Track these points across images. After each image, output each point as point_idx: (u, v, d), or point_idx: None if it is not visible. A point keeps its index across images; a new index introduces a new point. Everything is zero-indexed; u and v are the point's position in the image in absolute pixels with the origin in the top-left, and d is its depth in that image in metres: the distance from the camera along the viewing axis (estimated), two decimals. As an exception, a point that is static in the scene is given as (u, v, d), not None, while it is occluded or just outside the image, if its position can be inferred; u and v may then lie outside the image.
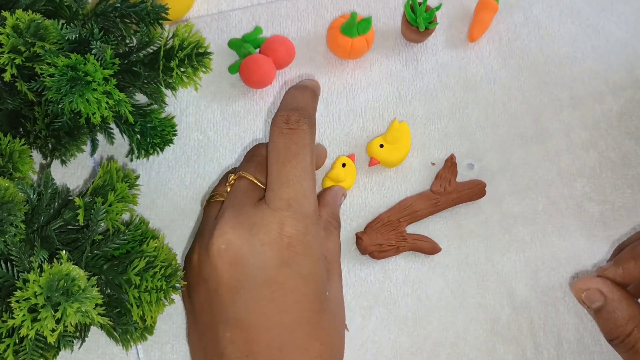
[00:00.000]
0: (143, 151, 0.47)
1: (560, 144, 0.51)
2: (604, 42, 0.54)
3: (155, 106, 0.47)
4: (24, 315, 0.34)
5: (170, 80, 0.44)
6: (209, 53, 0.43)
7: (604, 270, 0.37)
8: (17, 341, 0.36)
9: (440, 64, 0.53)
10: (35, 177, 0.46)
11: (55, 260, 0.36)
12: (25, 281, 0.35)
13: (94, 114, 0.39)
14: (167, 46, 0.43)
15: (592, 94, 0.53)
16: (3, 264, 0.38)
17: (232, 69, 0.52)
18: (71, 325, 0.34)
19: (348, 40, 0.50)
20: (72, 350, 0.42)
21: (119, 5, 0.43)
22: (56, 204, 0.42)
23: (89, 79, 0.38)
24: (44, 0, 0.43)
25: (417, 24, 0.51)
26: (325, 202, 0.44)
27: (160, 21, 0.44)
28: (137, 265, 0.40)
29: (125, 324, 0.41)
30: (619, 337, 0.35)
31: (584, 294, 0.36)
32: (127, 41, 0.44)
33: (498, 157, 0.51)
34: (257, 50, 0.52)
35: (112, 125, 0.47)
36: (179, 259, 0.47)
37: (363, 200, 0.49)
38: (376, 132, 0.51)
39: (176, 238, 0.48)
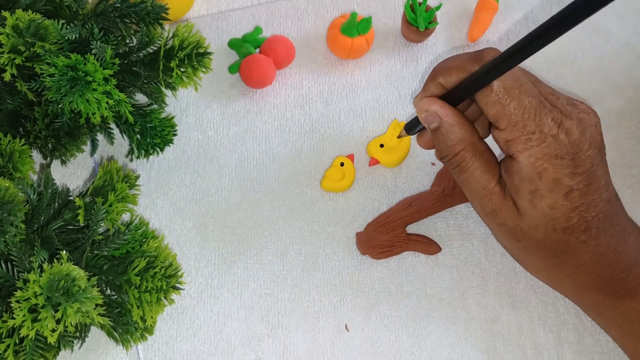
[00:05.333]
0: (143, 151, 0.47)
1: (560, 144, 0.51)
2: (604, 42, 0.54)
3: (155, 106, 0.47)
4: (24, 315, 0.34)
5: (170, 80, 0.44)
6: (209, 53, 0.43)
7: (415, 97, 0.40)
8: (17, 341, 0.36)
9: (440, 64, 0.53)
10: (35, 177, 0.47)
11: (55, 260, 0.36)
12: (26, 281, 0.35)
13: (94, 114, 0.39)
14: (167, 46, 0.43)
15: (592, 93, 0.53)
16: (3, 264, 0.38)
17: (232, 69, 0.52)
18: (71, 326, 0.34)
19: (348, 40, 0.50)
20: (72, 350, 0.42)
21: (119, 5, 0.43)
22: (56, 204, 0.42)
23: (89, 79, 0.38)
24: (44, 0, 0.43)
25: (417, 24, 0.51)
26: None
27: (160, 21, 0.44)
28: (138, 266, 0.40)
29: (126, 324, 0.41)
30: (448, 156, 0.38)
31: (424, 114, 0.38)
32: (127, 41, 0.44)
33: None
34: (257, 50, 0.52)
35: (112, 125, 0.47)
36: (179, 259, 0.47)
37: (363, 200, 0.49)
38: (376, 132, 0.51)
39: (176, 238, 0.48)
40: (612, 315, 0.40)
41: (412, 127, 0.43)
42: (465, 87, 0.36)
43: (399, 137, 0.47)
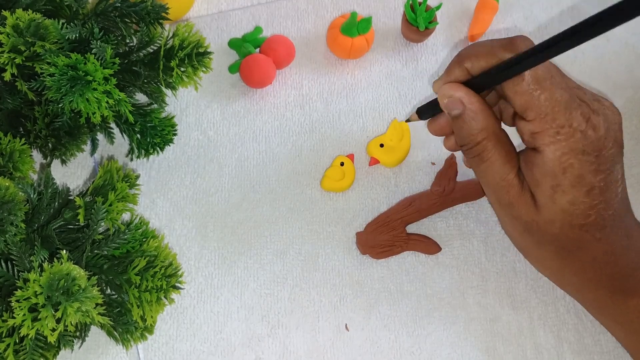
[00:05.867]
0: (143, 151, 0.47)
1: (560, 144, 0.51)
2: (604, 42, 0.54)
3: (155, 106, 0.47)
4: (24, 314, 0.34)
5: (171, 80, 0.44)
6: (209, 53, 0.43)
7: (435, 81, 0.39)
8: (17, 340, 0.36)
9: (440, 64, 0.53)
10: (35, 177, 0.47)
11: (55, 259, 0.36)
12: (26, 280, 0.35)
13: (94, 113, 0.39)
14: (167, 46, 0.43)
15: (592, 94, 0.53)
16: (3, 264, 0.38)
17: (232, 68, 0.52)
18: (71, 325, 0.34)
19: (348, 40, 0.50)
20: (72, 350, 0.42)
21: (119, 4, 0.43)
22: (56, 203, 0.42)
23: (89, 78, 0.38)
24: (44, -1, 0.43)
25: (417, 23, 0.51)
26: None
27: (161, 21, 0.44)
28: (138, 265, 0.40)
29: (126, 324, 0.41)
30: (469, 145, 0.37)
31: (446, 100, 0.37)
32: (127, 41, 0.44)
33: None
34: (257, 50, 0.52)
35: (112, 125, 0.47)
36: (179, 259, 0.47)
37: (363, 200, 0.49)
38: (376, 132, 0.51)
39: (176, 238, 0.48)
40: (615, 313, 0.40)
41: (426, 111, 0.42)
42: (494, 75, 0.35)
43: (407, 120, 0.47)
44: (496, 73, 0.35)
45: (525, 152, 0.36)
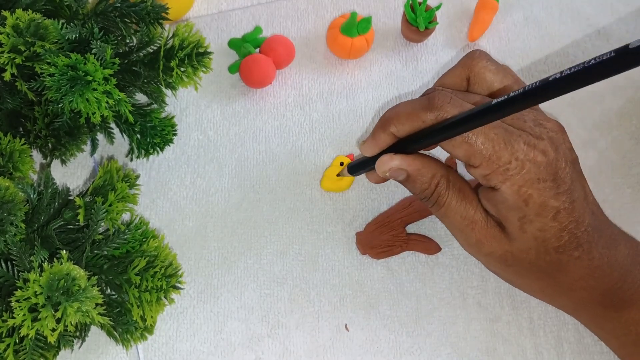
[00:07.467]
0: (143, 151, 0.47)
1: (560, 144, 0.51)
2: (604, 42, 0.54)
3: (155, 106, 0.47)
4: (24, 314, 0.34)
5: (170, 80, 0.44)
6: (209, 53, 0.43)
7: (362, 144, 0.40)
8: (17, 341, 0.36)
9: (440, 64, 0.53)
10: (35, 177, 0.46)
11: (55, 259, 0.36)
12: (26, 281, 0.35)
13: (94, 113, 0.39)
14: (167, 46, 0.43)
15: (592, 94, 0.53)
16: (3, 264, 0.38)
17: (232, 68, 0.52)
18: (71, 325, 0.34)
19: (348, 40, 0.50)
20: (72, 350, 0.42)
21: (119, 4, 0.43)
22: (56, 203, 0.42)
23: (89, 78, 0.38)
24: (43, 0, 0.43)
25: (417, 23, 0.51)
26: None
27: (160, 21, 0.44)
28: (138, 265, 0.40)
29: (126, 324, 0.41)
30: (427, 196, 0.38)
31: (387, 173, 0.38)
32: (127, 41, 0.44)
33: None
34: (257, 50, 0.52)
35: (112, 125, 0.47)
36: (179, 259, 0.47)
37: (363, 200, 0.49)
38: (376, 132, 0.51)
39: (176, 238, 0.48)
40: (613, 327, 0.39)
41: (358, 169, 0.42)
42: (423, 140, 0.36)
43: (338, 175, 0.47)
44: (424, 139, 0.35)
45: (485, 190, 0.36)
